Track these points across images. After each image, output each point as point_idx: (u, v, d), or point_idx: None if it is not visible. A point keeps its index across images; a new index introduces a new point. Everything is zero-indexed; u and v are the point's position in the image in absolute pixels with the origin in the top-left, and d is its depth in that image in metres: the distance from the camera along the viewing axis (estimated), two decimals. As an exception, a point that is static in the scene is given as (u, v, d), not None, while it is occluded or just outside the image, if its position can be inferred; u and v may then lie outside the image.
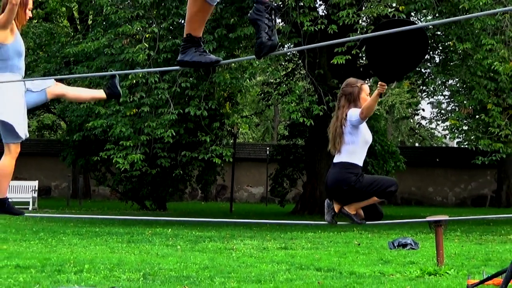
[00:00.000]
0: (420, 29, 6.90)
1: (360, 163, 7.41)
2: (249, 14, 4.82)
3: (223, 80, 21.31)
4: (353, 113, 7.26)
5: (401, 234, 16.32)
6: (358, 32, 21.96)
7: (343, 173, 7.33)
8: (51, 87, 7.44)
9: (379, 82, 7.05)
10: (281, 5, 20.36)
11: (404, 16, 21.28)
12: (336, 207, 7.59)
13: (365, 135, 7.48)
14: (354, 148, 7.37)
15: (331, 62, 20.38)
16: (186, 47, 4.75)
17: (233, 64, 21.35)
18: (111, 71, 20.39)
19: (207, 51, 4.89)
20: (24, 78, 7.40)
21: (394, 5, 20.16)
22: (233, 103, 25.13)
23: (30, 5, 7.23)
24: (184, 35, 4.76)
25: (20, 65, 7.20)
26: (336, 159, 7.44)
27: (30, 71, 23.56)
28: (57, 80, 7.83)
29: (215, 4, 4.70)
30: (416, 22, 21.62)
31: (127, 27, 20.60)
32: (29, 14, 7.25)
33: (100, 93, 7.74)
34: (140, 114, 20.63)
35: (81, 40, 23.91)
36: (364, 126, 7.48)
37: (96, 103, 21.18)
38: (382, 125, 35.48)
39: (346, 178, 7.29)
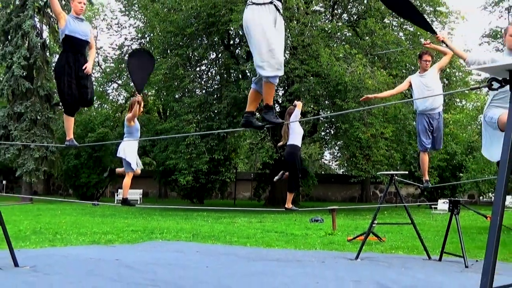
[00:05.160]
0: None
1: (299, 144, 7.29)
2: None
3: (231, 141, 21.40)
4: (294, 115, 7.13)
5: (315, 215, 16.30)
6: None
7: (292, 148, 7.25)
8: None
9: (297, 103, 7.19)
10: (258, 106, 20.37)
11: (317, 112, 21.45)
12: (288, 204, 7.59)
13: (299, 129, 7.36)
14: (294, 136, 7.28)
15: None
16: (267, 111, 3.95)
17: (235, 134, 21.38)
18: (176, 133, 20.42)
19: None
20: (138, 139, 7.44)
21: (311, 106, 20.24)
22: (236, 152, 25.09)
23: (142, 104, 7.33)
24: (264, 105, 3.95)
25: (138, 135, 7.28)
26: (287, 144, 7.36)
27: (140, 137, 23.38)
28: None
29: (275, 82, 3.80)
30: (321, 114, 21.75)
31: (185, 116, 20.65)
32: (141, 109, 7.33)
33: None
34: (191, 157, 20.59)
35: (163, 122, 23.96)
36: (298, 126, 7.37)
37: (171, 152, 21.19)
38: (306, 163, 35.49)
39: (294, 151, 7.23)
